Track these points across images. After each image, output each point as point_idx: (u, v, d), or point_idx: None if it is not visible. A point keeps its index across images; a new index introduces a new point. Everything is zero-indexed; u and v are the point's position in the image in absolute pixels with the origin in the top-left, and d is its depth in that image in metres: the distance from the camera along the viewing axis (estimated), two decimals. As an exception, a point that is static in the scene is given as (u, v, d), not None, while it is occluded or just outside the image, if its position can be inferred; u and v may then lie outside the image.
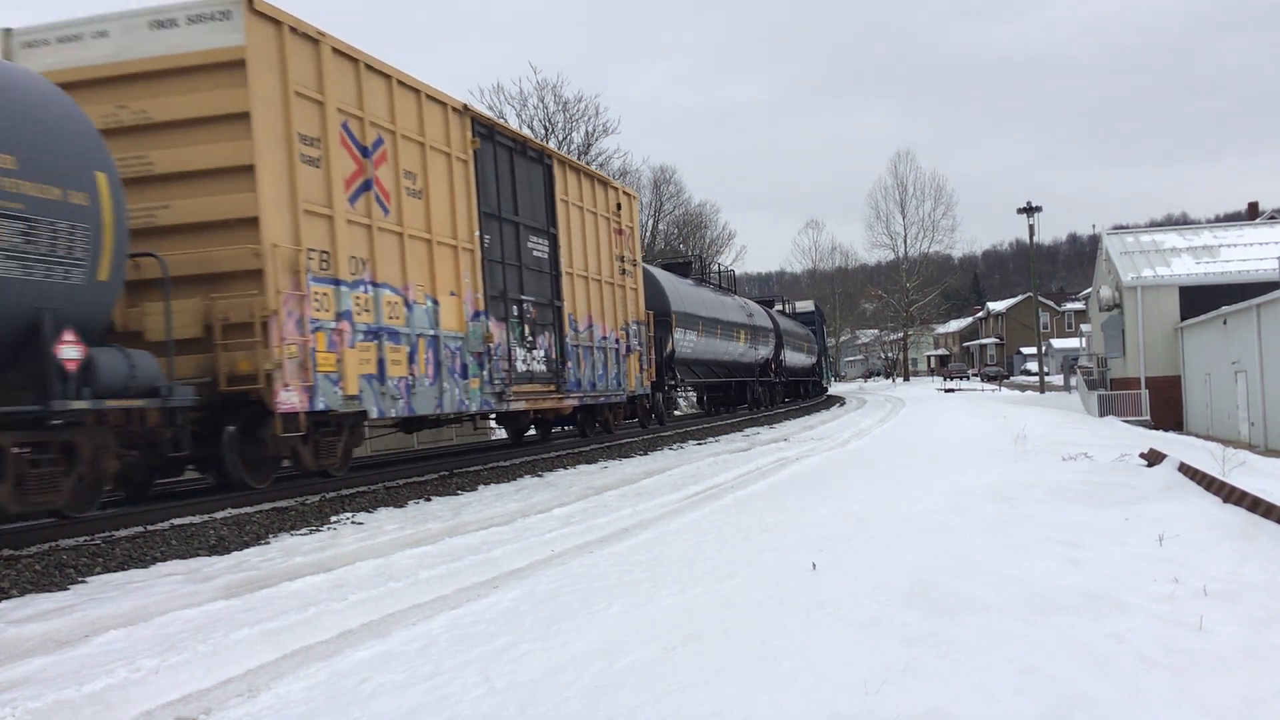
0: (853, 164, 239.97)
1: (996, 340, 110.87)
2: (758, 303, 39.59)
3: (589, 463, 16.51)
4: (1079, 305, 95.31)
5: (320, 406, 11.08)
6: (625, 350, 20.73)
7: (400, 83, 13.12)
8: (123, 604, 6.72)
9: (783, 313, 44.38)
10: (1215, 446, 15.27)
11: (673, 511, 10.58)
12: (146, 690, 4.94)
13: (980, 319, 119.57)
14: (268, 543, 9.13)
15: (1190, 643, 5.07)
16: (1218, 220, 68.96)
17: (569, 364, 17.63)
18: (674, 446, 19.95)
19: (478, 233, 14.72)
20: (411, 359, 12.89)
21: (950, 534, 8.10)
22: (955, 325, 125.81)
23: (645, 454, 18.23)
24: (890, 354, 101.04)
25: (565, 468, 15.71)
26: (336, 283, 11.52)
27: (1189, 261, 35.29)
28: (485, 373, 14.68)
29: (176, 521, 9.64)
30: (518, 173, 16.28)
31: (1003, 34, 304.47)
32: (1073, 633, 5.21)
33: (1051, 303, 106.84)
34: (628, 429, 22.66)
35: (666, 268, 29.34)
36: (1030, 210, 55.40)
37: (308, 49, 11.47)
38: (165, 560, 8.35)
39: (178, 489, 12.52)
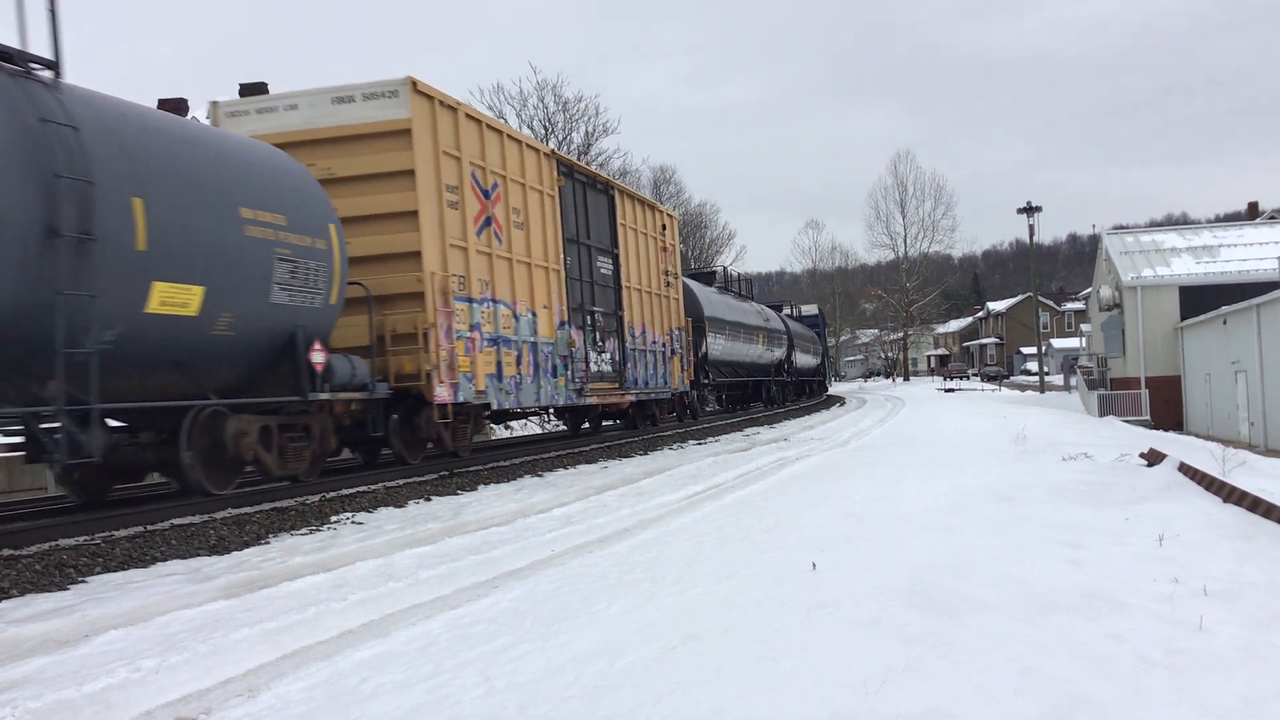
0: (853, 164, 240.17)
1: (996, 340, 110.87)
2: (769, 307, 41.48)
3: (589, 463, 16.51)
4: (1079, 305, 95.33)
5: (460, 399, 13.93)
6: (670, 353, 23.61)
7: (508, 136, 16.23)
8: (123, 604, 6.72)
9: (791, 316, 46.61)
10: (1215, 446, 15.28)
11: (673, 511, 10.58)
12: (146, 690, 4.94)
13: (980, 319, 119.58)
14: (268, 542, 9.13)
15: (1190, 643, 5.07)
16: (1218, 220, 68.94)
17: (629, 365, 20.49)
18: (674, 446, 19.95)
19: (562, 255, 17.61)
20: (519, 361, 15.81)
21: (950, 534, 8.10)
22: (955, 325, 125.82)
23: (645, 454, 18.23)
24: (890, 354, 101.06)
25: (565, 468, 15.72)
26: (470, 301, 14.42)
27: (1189, 261, 35.30)
28: (569, 373, 17.56)
29: (176, 521, 9.64)
30: (589, 203, 19.30)
31: (1003, 34, 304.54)
32: (1073, 633, 5.21)
33: (1051, 303, 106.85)
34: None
35: (694, 277, 31.67)
36: (1030, 210, 55.43)
37: (449, 116, 14.32)
38: (165, 560, 8.35)
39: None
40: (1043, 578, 6.37)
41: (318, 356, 11.62)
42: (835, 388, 70.14)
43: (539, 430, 24.74)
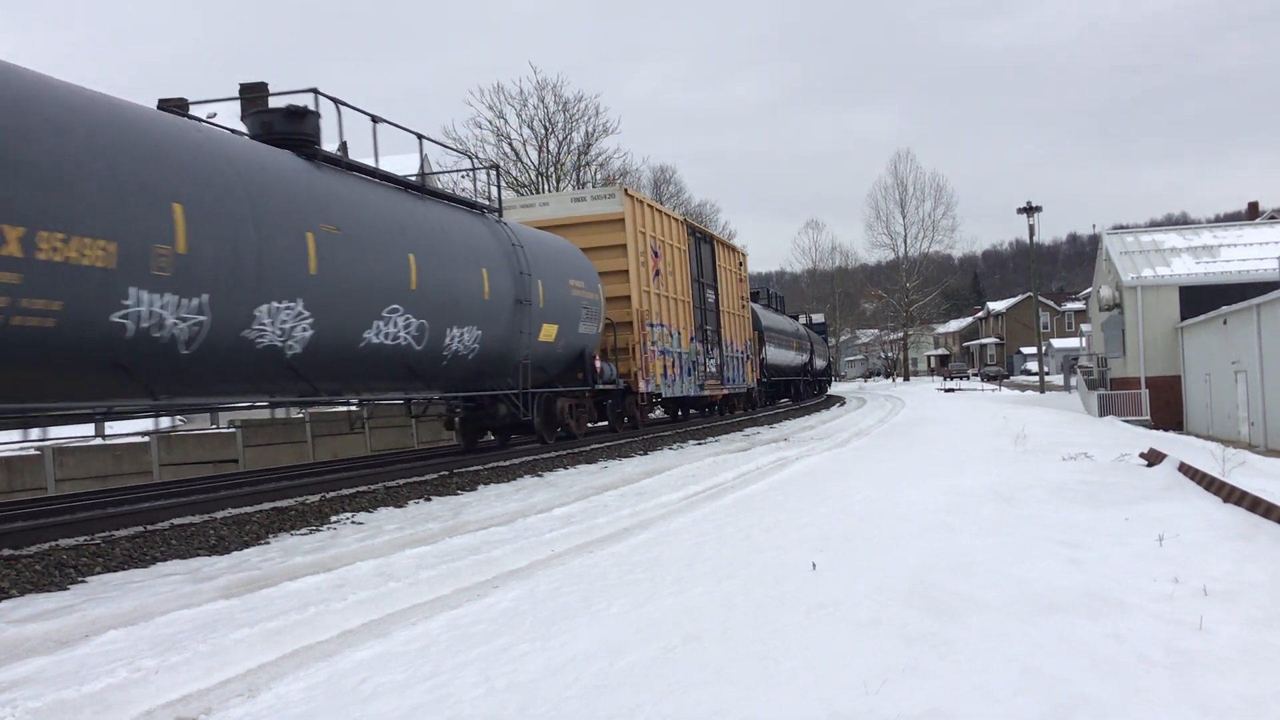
0: (853, 164, 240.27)
1: (996, 340, 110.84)
2: (791, 317, 49.69)
3: (589, 463, 16.51)
4: (1079, 305, 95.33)
5: (649, 390, 21.69)
6: (745, 358, 31.56)
7: (664, 213, 24.43)
8: (123, 604, 6.72)
9: (808, 324, 54.96)
10: (1215, 446, 15.27)
11: (673, 511, 10.57)
12: (146, 690, 4.94)
13: (980, 319, 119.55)
14: (268, 542, 9.13)
15: (1190, 643, 5.07)
16: (1218, 220, 68.97)
17: (724, 368, 28.43)
18: (674, 446, 19.95)
19: (690, 291, 25.36)
20: (673, 366, 23.46)
21: (950, 534, 8.10)
22: (955, 325, 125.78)
23: (645, 454, 18.23)
24: (890, 354, 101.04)
25: (565, 468, 15.72)
26: (652, 325, 21.92)
27: (1189, 261, 35.28)
28: (696, 374, 25.29)
29: (176, 521, 9.64)
30: (701, 252, 27.17)
31: (1003, 34, 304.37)
32: (1073, 633, 5.21)
33: (1051, 303, 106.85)
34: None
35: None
36: (1030, 210, 55.39)
37: (640, 206, 22.30)
38: (165, 560, 8.35)
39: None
40: (1043, 578, 6.37)
41: (597, 362, 19.34)
42: (835, 388, 70.34)
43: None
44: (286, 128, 12.38)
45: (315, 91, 12.68)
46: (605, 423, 22.05)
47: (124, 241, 8.82)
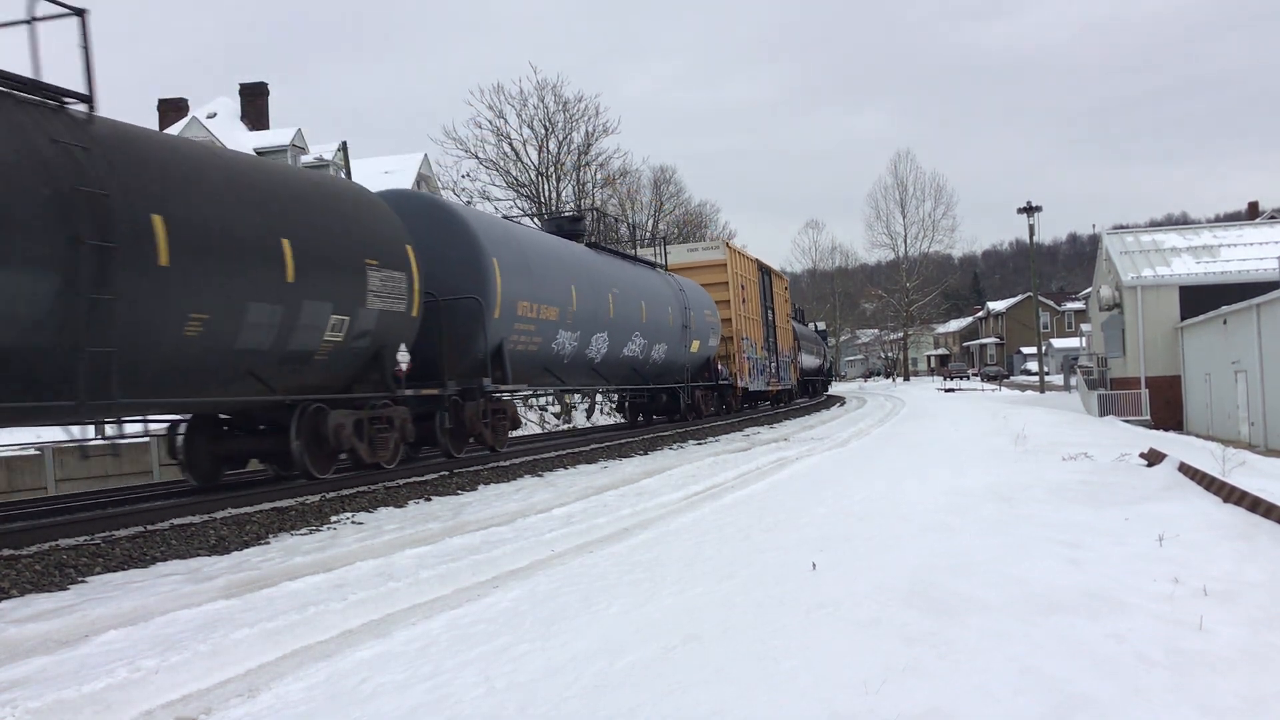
0: (853, 164, 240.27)
1: (996, 340, 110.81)
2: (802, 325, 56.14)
3: (589, 463, 16.51)
4: (1079, 305, 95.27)
5: (743, 385, 30.27)
6: (790, 362, 40.23)
7: (746, 257, 33.14)
8: (123, 604, 6.72)
9: (815, 330, 61.91)
10: (1215, 446, 15.27)
11: (673, 511, 10.57)
12: (146, 690, 4.94)
13: (980, 319, 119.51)
14: (268, 543, 9.13)
15: (1190, 643, 5.07)
16: (1218, 220, 68.93)
17: (780, 370, 36.81)
18: (674, 446, 19.95)
19: (760, 312, 33.63)
20: (754, 369, 31.76)
21: (950, 534, 8.10)
22: (955, 325, 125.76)
23: (645, 454, 18.23)
24: (890, 354, 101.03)
25: (565, 468, 15.72)
26: (743, 339, 30.15)
27: (1189, 261, 35.27)
28: (765, 374, 33.60)
29: (176, 521, 9.64)
30: (764, 281, 35.36)
31: (1003, 34, 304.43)
32: (1073, 633, 5.21)
33: (1051, 302, 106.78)
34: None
35: None
36: (1030, 210, 55.41)
37: (734, 253, 30.86)
38: (165, 560, 8.35)
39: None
40: (1043, 578, 6.37)
41: (719, 366, 28.28)
42: (835, 388, 70.48)
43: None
44: (571, 228, 21.85)
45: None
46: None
47: (561, 305, 18.03)
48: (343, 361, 12.52)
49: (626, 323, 21.03)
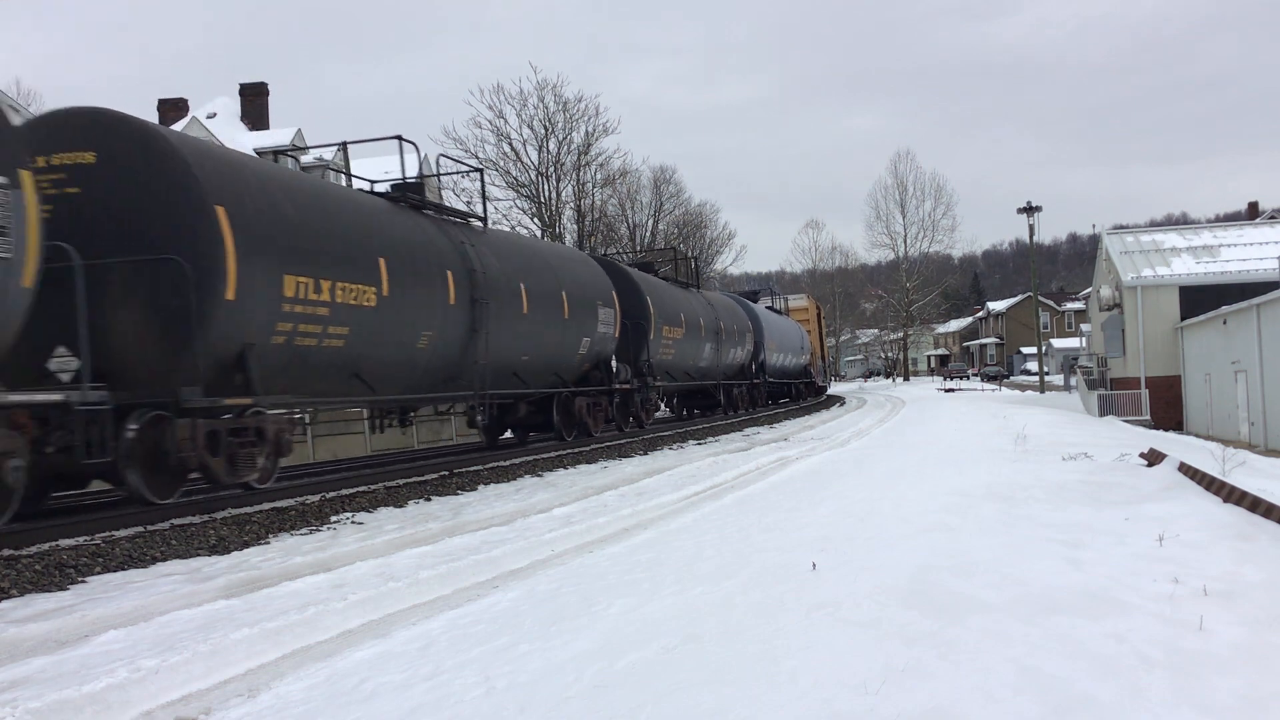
0: (853, 164, 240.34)
1: (996, 340, 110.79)
2: (777, 312, 62.21)
3: (589, 463, 16.51)
4: (1079, 305, 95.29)
5: (818, 383, 51.59)
6: (821, 365, 52.48)
7: (815, 302, 57.53)
8: (123, 604, 6.71)
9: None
10: (1215, 446, 15.27)
11: (673, 511, 10.58)
12: (146, 690, 4.94)
13: (980, 319, 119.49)
14: (268, 542, 9.13)
15: (1190, 643, 5.07)
16: (1218, 220, 68.92)
17: (813, 371, 48.43)
18: (674, 446, 19.95)
19: (818, 333, 52.33)
20: (817, 374, 51.13)
21: (950, 534, 8.10)
22: (955, 325, 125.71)
23: (645, 454, 18.23)
24: (890, 354, 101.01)
25: (565, 468, 15.72)
26: (811, 353, 49.02)
27: (1189, 261, 35.28)
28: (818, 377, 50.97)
29: (176, 521, 9.65)
30: (817, 312, 53.52)
31: (1003, 33, 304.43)
32: (1073, 633, 5.21)
33: (1051, 303, 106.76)
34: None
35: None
36: (1030, 210, 55.40)
37: (811, 300, 56.35)
38: (165, 560, 8.35)
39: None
40: (1043, 578, 6.37)
41: (811, 371, 47.40)
42: (835, 388, 70.28)
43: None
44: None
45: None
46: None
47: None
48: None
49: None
